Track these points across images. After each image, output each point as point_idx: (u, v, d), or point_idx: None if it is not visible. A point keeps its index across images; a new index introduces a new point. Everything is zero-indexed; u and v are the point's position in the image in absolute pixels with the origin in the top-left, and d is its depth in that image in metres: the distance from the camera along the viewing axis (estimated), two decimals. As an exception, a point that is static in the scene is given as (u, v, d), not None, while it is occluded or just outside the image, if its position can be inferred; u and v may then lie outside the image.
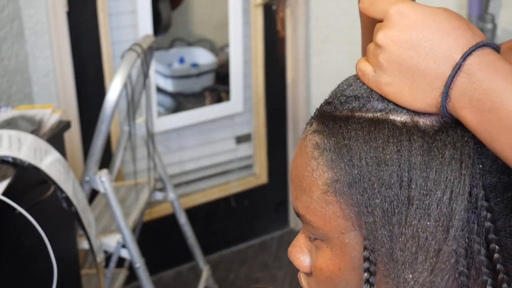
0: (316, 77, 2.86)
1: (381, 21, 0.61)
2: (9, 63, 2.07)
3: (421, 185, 0.59)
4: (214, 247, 2.87)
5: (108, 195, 1.84)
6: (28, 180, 1.44)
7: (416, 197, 0.59)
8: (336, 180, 0.62)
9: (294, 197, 0.67)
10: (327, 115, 0.65)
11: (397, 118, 0.61)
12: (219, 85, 2.93)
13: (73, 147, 2.30)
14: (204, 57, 3.01)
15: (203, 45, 3.05)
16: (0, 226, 1.33)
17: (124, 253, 1.92)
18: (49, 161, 1.41)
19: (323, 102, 0.67)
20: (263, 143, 2.89)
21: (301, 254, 0.70)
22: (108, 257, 1.93)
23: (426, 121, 0.60)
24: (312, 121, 0.66)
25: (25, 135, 1.42)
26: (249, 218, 2.98)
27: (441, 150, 0.59)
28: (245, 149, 2.91)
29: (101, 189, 1.85)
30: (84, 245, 1.78)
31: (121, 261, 2.06)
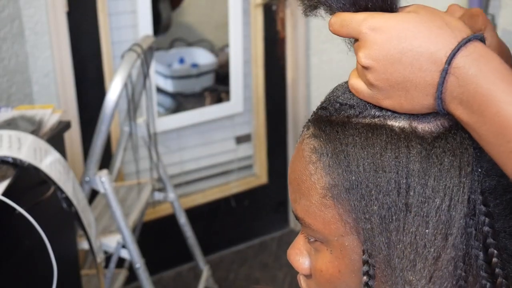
0: (316, 77, 2.86)
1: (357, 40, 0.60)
2: (9, 63, 2.07)
3: (420, 192, 0.58)
4: (214, 247, 2.87)
5: (108, 195, 1.84)
6: (28, 181, 1.44)
7: (414, 204, 0.58)
8: (334, 185, 0.61)
9: (293, 200, 0.67)
10: (323, 120, 0.64)
11: (395, 123, 0.60)
12: (219, 85, 2.93)
13: (73, 147, 2.30)
14: (204, 57, 3.01)
15: (203, 45, 3.05)
16: (0, 226, 1.33)
17: (124, 254, 1.92)
18: (49, 161, 1.41)
19: (318, 106, 0.66)
20: (263, 143, 2.89)
21: (300, 257, 0.70)
22: (108, 257, 1.93)
23: (425, 127, 0.60)
24: (309, 124, 0.66)
25: (25, 135, 1.42)
26: (249, 218, 2.98)
27: (440, 157, 0.58)
28: (245, 149, 2.91)
29: (101, 189, 1.85)
30: (84, 245, 1.78)
31: (121, 262, 2.05)
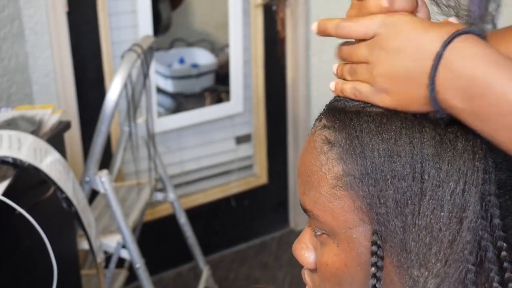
0: (316, 77, 2.86)
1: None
2: (9, 63, 2.07)
3: (434, 176, 0.59)
4: (214, 247, 2.87)
5: (108, 195, 1.84)
6: (28, 181, 1.44)
7: (429, 188, 0.59)
8: (347, 173, 0.62)
9: (302, 192, 0.67)
10: (337, 109, 0.65)
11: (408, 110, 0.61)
12: (219, 85, 2.93)
13: (73, 147, 2.30)
14: (204, 57, 3.01)
15: (203, 46, 3.05)
16: (0, 226, 1.33)
17: (124, 254, 1.92)
18: (49, 162, 1.41)
19: (331, 100, 0.68)
20: (263, 143, 2.89)
21: (306, 251, 0.70)
22: (108, 257, 1.93)
23: (437, 114, 0.60)
24: (321, 117, 0.67)
25: (25, 135, 1.42)
26: (249, 218, 2.98)
27: (453, 142, 0.59)
28: (245, 150, 2.91)
29: (101, 189, 1.85)
30: (84, 245, 1.78)
31: (121, 262, 2.05)
